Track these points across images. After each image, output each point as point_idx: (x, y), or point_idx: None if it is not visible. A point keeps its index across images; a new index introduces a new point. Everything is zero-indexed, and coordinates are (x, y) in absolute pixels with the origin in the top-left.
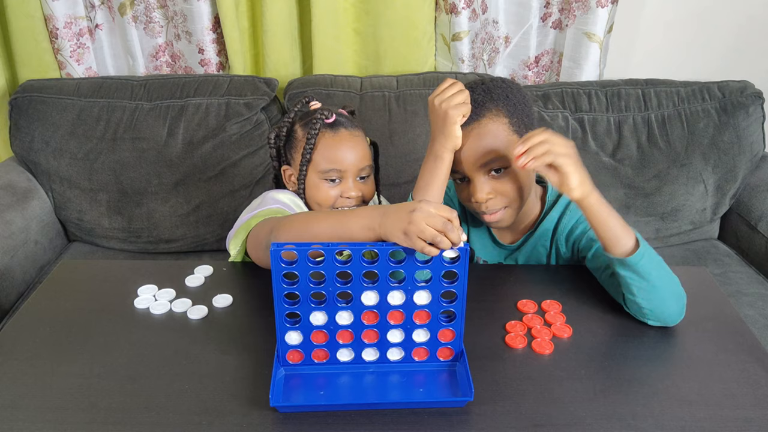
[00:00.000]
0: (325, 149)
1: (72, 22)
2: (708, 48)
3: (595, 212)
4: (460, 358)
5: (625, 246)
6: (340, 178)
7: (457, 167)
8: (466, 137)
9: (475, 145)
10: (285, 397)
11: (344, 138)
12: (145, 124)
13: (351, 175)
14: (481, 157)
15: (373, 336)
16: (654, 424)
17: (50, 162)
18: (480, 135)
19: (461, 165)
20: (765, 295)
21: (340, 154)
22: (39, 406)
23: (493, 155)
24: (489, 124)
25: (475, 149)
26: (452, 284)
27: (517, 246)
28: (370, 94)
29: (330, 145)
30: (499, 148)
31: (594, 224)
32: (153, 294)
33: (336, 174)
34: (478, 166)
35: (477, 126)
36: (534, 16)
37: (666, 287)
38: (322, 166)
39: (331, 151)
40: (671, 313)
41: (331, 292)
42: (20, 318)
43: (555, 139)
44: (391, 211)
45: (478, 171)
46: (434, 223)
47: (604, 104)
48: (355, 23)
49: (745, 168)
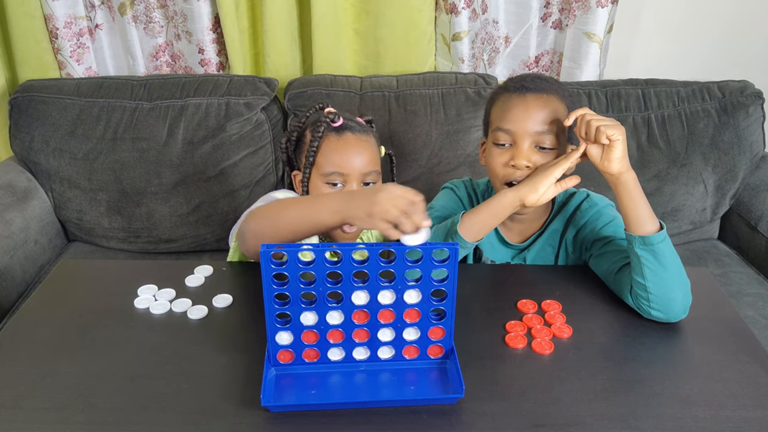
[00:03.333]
0: (329, 152)
1: (72, 22)
2: (708, 48)
3: (630, 189)
4: (450, 355)
5: (649, 227)
6: (344, 182)
7: (510, 126)
8: (534, 101)
9: (538, 113)
10: (274, 397)
11: (349, 142)
12: (145, 124)
13: (354, 179)
14: (540, 125)
15: (364, 335)
16: (654, 425)
17: (50, 162)
18: (546, 106)
19: (517, 125)
20: (765, 295)
21: (344, 158)
22: (38, 406)
23: (549, 129)
24: (556, 102)
25: (536, 116)
26: (442, 283)
27: (526, 246)
28: (370, 94)
29: (334, 148)
30: (555, 126)
31: (625, 201)
32: (153, 294)
33: (338, 178)
34: (533, 131)
35: (547, 98)
36: (534, 16)
37: (676, 277)
38: (324, 169)
39: (335, 154)
40: (675, 304)
41: (321, 292)
42: (20, 318)
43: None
44: (358, 193)
45: (529, 137)
46: (399, 204)
47: (604, 104)
48: (355, 23)
49: (745, 168)
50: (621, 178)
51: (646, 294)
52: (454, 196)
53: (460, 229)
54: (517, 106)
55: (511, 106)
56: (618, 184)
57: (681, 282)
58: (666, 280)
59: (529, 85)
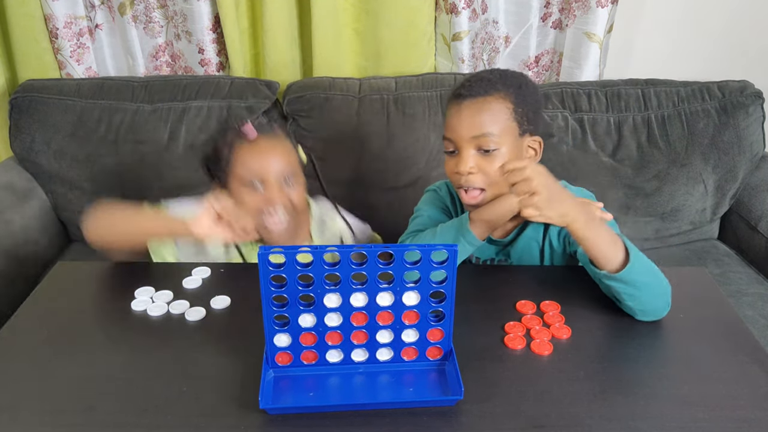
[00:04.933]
0: (244, 159)
1: (72, 22)
2: (708, 48)
3: (581, 238)
4: (449, 357)
5: (615, 262)
6: (262, 185)
7: (450, 135)
8: (467, 108)
9: (474, 119)
10: (273, 399)
11: (261, 146)
12: (146, 127)
13: (272, 181)
14: (476, 130)
15: (362, 337)
16: (653, 425)
17: (51, 163)
18: (481, 110)
19: (455, 134)
20: (765, 295)
21: (258, 162)
22: (36, 408)
23: (487, 133)
24: (493, 103)
25: (471, 122)
26: (441, 284)
27: (509, 241)
28: (369, 97)
29: (248, 154)
30: (495, 128)
31: (583, 247)
32: (150, 296)
33: (256, 182)
34: (469, 137)
35: (482, 101)
36: (534, 16)
37: (653, 289)
38: (242, 176)
39: (249, 159)
40: (657, 308)
41: (319, 294)
42: (18, 319)
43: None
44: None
45: (468, 143)
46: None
47: (604, 104)
48: (355, 23)
49: (745, 168)
50: (569, 229)
51: (628, 308)
52: (437, 196)
53: (471, 227)
54: (454, 114)
55: (450, 114)
56: (570, 232)
57: (658, 291)
58: (643, 297)
59: (463, 92)
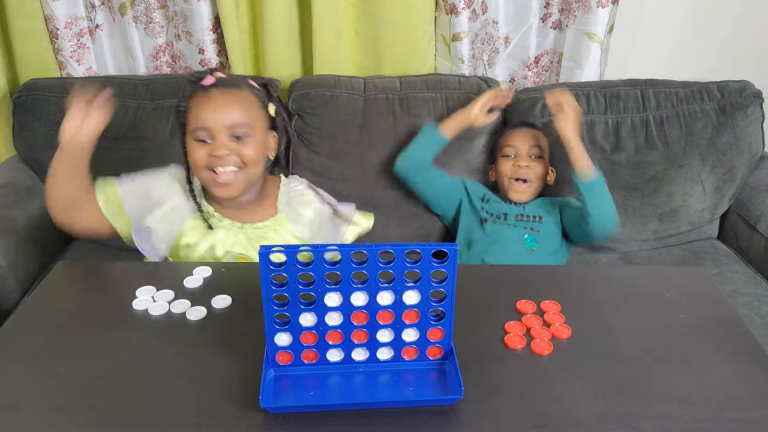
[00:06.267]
0: (196, 109)
1: (72, 23)
2: (708, 48)
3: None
4: (449, 356)
5: (587, 170)
6: (211, 137)
7: (512, 142)
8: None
9: (531, 138)
10: (273, 398)
11: (214, 97)
12: (147, 124)
13: (220, 133)
14: (533, 148)
15: (363, 336)
16: (653, 425)
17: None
18: (539, 136)
19: (517, 141)
20: (762, 295)
21: (207, 113)
22: (36, 407)
23: (540, 148)
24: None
25: (529, 141)
26: (441, 284)
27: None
28: (374, 96)
29: (199, 105)
30: (544, 146)
31: (570, 152)
32: (152, 295)
33: (204, 134)
34: (529, 146)
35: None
36: (534, 16)
37: (610, 203)
38: (191, 126)
39: (199, 110)
40: (613, 220)
41: (320, 293)
42: (18, 318)
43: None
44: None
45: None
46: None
47: (602, 105)
48: (355, 23)
49: (744, 168)
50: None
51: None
52: (464, 190)
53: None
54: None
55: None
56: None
57: (612, 206)
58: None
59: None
